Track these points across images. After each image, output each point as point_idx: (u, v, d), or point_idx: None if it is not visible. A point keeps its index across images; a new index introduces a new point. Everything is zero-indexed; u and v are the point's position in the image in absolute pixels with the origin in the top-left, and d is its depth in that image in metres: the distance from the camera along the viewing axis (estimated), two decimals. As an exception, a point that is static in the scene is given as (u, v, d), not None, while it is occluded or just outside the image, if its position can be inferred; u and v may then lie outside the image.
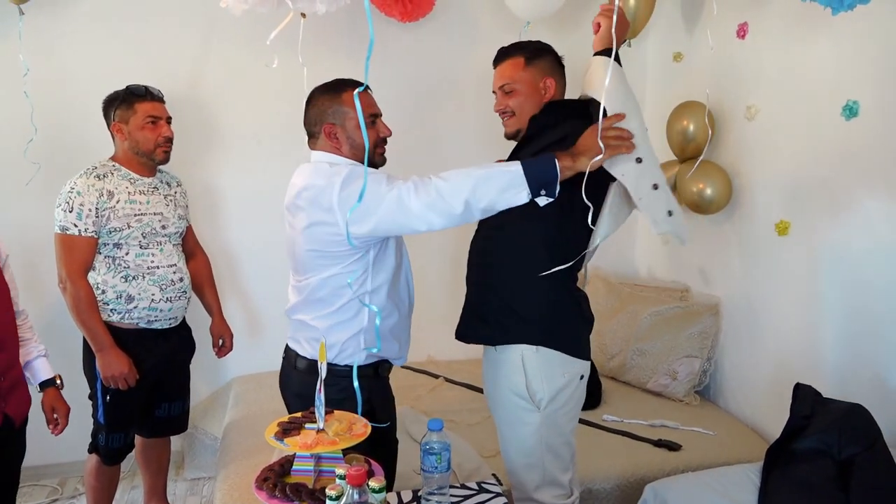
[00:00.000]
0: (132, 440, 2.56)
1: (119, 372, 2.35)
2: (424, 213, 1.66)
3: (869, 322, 2.30)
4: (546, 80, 1.91)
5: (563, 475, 1.95)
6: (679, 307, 3.15)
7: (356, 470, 1.36)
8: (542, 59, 1.93)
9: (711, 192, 2.84)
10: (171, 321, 2.50)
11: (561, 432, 1.93)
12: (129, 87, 2.43)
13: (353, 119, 1.81)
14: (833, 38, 2.38)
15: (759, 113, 2.75)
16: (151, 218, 2.42)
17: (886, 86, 2.20)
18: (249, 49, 3.03)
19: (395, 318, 1.90)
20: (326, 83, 1.88)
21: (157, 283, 2.42)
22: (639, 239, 3.67)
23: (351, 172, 1.72)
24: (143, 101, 2.41)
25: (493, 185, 1.66)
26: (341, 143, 1.83)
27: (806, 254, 2.54)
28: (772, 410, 2.67)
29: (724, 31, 2.89)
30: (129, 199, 2.38)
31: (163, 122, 2.45)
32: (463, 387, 3.17)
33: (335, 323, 1.83)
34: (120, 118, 2.41)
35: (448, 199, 1.65)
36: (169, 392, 2.62)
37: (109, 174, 2.38)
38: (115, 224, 2.34)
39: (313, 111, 1.86)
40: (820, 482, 1.91)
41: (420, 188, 1.67)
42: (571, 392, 1.91)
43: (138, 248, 2.39)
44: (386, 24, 3.12)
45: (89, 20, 2.94)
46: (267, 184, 3.21)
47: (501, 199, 1.67)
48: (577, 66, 3.34)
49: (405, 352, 2.00)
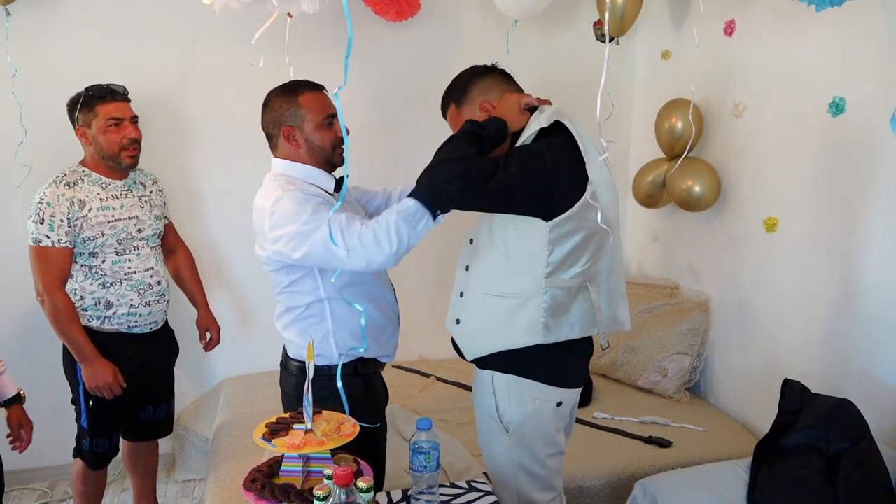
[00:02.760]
0: (117, 444, 2.53)
1: (104, 382, 2.31)
2: (357, 248, 1.68)
3: (856, 317, 2.32)
4: (484, 105, 1.83)
5: (542, 494, 1.87)
6: (669, 304, 3.16)
7: (343, 470, 1.35)
8: (469, 91, 1.85)
9: (700, 189, 2.85)
10: (151, 325, 2.46)
11: (534, 455, 1.83)
12: (88, 88, 2.33)
13: (311, 121, 1.82)
14: (819, 35, 2.39)
15: (746, 110, 2.76)
16: (126, 223, 2.37)
17: (872, 82, 2.21)
18: (236, 48, 3.01)
19: (367, 318, 1.87)
20: (282, 85, 1.87)
21: (134, 288, 2.37)
22: (629, 236, 3.68)
23: (279, 198, 1.74)
24: (104, 103, 2.32)
25: (411, 223, 1.70)
26: (300, 145, 1.84)
27: (794, 250, 2.55)
28: (761, 406, 2.68)
29: (711, 28, 2.90)
30: (101, 206, 2.32)
31: (126, 122, 2.35)
32: (454, 386, 3.18)
33: (303, 328, 1.87)
34: (83, 122, 2.33)
35: (378, 240, 1.68)
36: (153, 395, 2.58)
37: (80, 181, 2.32)
38: (88, 233, 2.28)
39: (270, 114, 1.86)
40: (808, 477, 1.92)
41: (346, 230, 1.69)
42: (545, 419, 1.81)
43: (114, 255, 2.34)
44: (374, 23, 3.11)
45: (77, 20, 2.91)
46: (254, 182, 3.16)
47: (415, 233, 1.71)
48: (566, 62, 3.39)
49: (389, 350, 1.98)
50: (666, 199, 3.14)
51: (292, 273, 1.83)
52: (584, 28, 3.39)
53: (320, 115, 1.84)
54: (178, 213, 2.94)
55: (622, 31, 3.04)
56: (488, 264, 1.79)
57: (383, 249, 1.68)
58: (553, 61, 3.38)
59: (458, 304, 1.87)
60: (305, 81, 1.88)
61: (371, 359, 1.94)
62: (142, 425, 2.61)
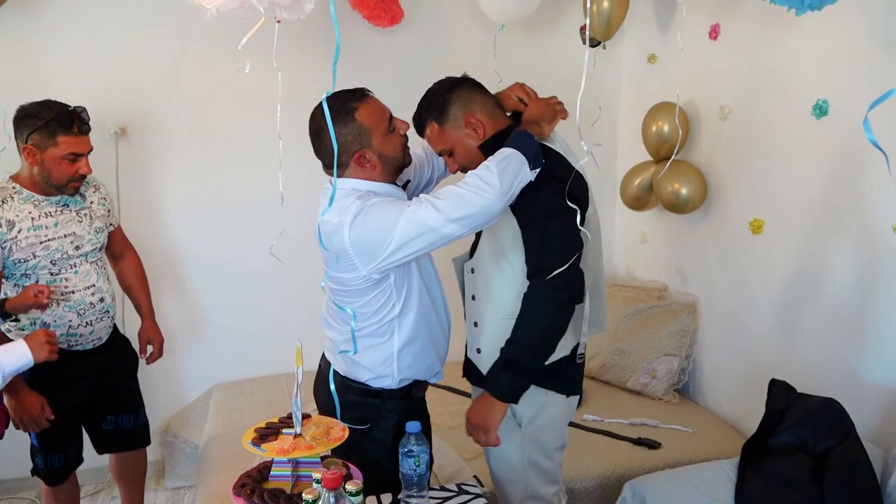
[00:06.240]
0: (74, 458, 2.41)
1: (28, 415, 2.14)
2: (452, 212, 1.60)
3: (841, 318, 2.34)
4: (469, 120, 1.79)
5: (548, 488, 1.92)
6: (658, 306, 3.18)
7: (332, 473, 1.36)
8: (451, 106, 1.80)
9: (687, 191, 2.88)
10: (94, 342, 2.33)
11: (544, 449, 1.89)
12: (54, 112, 2.11)
13: (377, 134, 1.70)
14: (802, 39, 2.42)
15: (732, 113, 2.79)
16: (61, 242, 2.21)
17: (854, 85, 2.24)
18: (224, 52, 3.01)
19: (429, 336, 1.85)
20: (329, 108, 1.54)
21: (73, 308, 2.24)
22: (617, 239, 3.70)
23: (360, 210, 1.63)
24: (68, 135, 2.12)
25: (510, 170, 1.63)
26: (374, 164, 1.71)
27: (780, 251, 2.58)
28: (749, 406, 2.70)
29: (696, 32, 2.93)
30: (32, 226, 2.15)
31: (84, 158, 2.19)
32: (444, 389, 3.18)
33: (367, 346, 1.79)
34: (35, 143, 2.11)
35: (480, 191, 1.60)
36: (112, 404, 2.47)
37: (9, 199, 2.15)
38: (18, 255, 2.13)
39: (329, 143, 1.58)
40: (795, 476, 1.94)
41: (439, 197, 1.61)
42: (558, 409, 1.87)
43: (48, 276, 2.19)
44: (361, 28, 3.12)
45: (62, 25, 2.90)
46: (243, 187, 3.20)
47: (517, 180, 1.64)
48: (553, 67, 3.41)
49: (440, 367, 1.94)
50: (653, 202, 3.16)
51: (372, 290, 1.72)
52: (570, 32, 3.42)
53: (383, 122, 1.72)
54: (164, 219, 2.93)
55: (608, 35, 3.06)
56: (498, 290, 1.80)
57: (490, 189, 1.59)
58: (540, 66, 3.39)
59: (474, 333, 1.88)
60: (348, 92, 1.72)
61: (423, 381, 1.91)
62: (107, 436, 2.52)
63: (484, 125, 1.80)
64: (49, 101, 2.17)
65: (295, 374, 1.58)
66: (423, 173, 2.03)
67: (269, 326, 3.29)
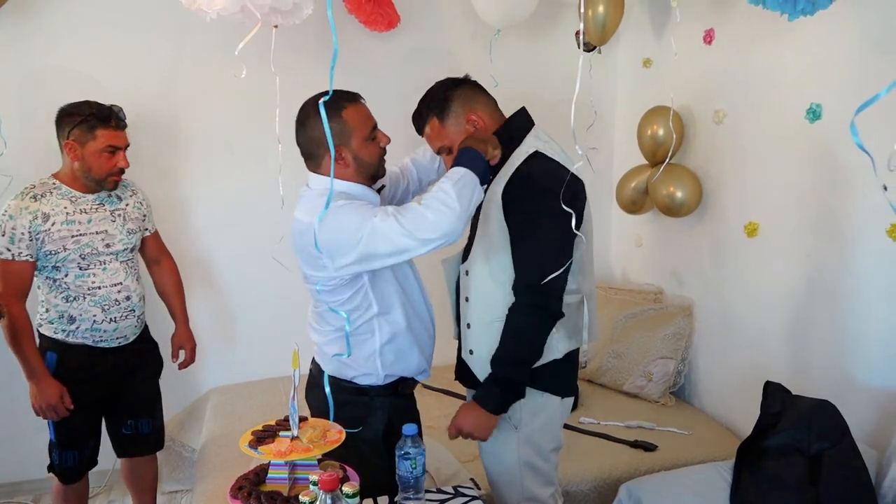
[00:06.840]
0: (88, 459, 2.47)
1: (47, 403, 2.24)
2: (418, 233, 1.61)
3: (835, 320, 2.35)
4: (469, 117, 1.82)
5: (545, 490, 1.94)
6: (653, 309, 3.19)
7: (329, 475, 1.36)
8: (453, 103, 1.83)
9: (682, 195, 2.89)
10: (119, 340, 2.40)
11: (540, 451, 1.91)
12: (93, 108, 2.27)
13: (358, 137, 1.74)
14: (795, 44, 2.44)
15: (726, 117, 2.80)
16: (92, 238, 2.31)
17: (846, 89, 2.25)
18: (222, 57, 3.02)
19: (411, 334, 1.87)
20: (318, 99, 1.66)
21: (98, 304, 2.32)
22: (613, 242, 3.71)
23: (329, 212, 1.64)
24: (106, 128, 2.27)
25: (466, 191, 1.64)
26: (347, 163, 1.75)
27: (774, 254, 2.59)
28: (744, 408, 2.72)
29: (691, 37, 2.94)
30: (66, 221, 2.27)
31: (121, 152, 2.32)
32: (440, 392, 3.18)
33: (352, 344, 1.81)
34: (76, 138, 2.26)
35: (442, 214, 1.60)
36: (132, 409, 2.54)
37: (48, 193, 2.28)
38: (49, 247, 2.24)
39: (310, 133, 1.74)
40: (790, 477, 1.95)
41: (404, 214, 1.62)
42: (553, 411, 1.90)
43: (77, 270, 2.29)
44: (358, 33, 3.13)
45: (59, 28, 2.91)
46: (241, 192, 3.21)
47: (472, 201, 1.65)
48: (548, 71, 3.42)
49: (426, 365, 1.96)
50: (649, 206, 3.18)
51: (346, 290, 1.77)
52: (566, 37, 3.44)
53: (366, 128, 1.76)
54: (163, 223, 2.93)
55: (604, 39, 3.08)
56: (490, 292, 1.82)
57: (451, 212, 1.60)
58: (536, 70, 3.42)
59: (468, 334, 1.90)
60: (342, 92, 1.75)
61: (410, 378, 1.93)
62: (126, 440, 2.57)
63: (485, 123, 1.83)
64: (87, 100, 2.32)
65: (291, 377, 1.59)
66: (399, 186, 2.07)
67: (265, 330, 3.30)
